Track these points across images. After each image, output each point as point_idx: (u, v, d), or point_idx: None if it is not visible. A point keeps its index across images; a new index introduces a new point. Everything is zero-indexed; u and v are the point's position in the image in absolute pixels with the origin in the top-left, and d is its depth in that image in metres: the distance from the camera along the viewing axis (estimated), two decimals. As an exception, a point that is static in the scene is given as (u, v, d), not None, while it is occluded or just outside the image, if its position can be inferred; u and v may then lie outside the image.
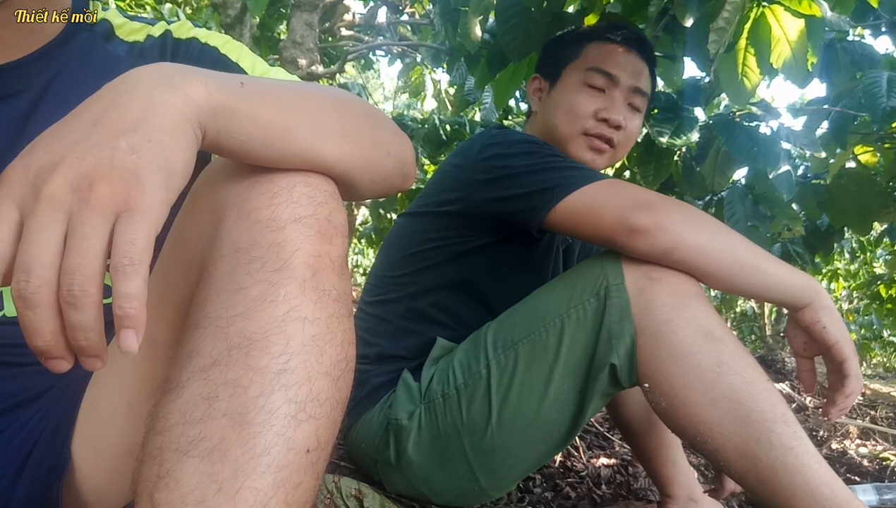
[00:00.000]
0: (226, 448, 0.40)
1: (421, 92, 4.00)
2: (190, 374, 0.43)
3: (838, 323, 0.86)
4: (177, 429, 0.42)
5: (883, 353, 8.64)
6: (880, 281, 4.37)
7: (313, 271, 0.47)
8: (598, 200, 0.90)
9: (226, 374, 0.43)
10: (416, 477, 1.00)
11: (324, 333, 0.46)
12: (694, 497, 1.15)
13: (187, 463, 0.41)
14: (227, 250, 0.47)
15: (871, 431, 2.11)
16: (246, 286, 0.45)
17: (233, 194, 0.49)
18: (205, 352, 0.44)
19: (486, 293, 1.10)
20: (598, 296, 0.89)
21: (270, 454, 0.41)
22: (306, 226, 0.48)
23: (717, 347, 0.82)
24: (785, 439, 0.77)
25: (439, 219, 1.09)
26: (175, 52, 0.72)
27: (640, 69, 1.13)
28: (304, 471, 0.43)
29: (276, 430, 0.42)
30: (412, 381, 1.01)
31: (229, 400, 0.42)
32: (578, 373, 0.91)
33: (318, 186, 0.50)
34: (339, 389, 0.47)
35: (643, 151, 1.52)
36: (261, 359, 0.43)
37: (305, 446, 0.43)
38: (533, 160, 0.97)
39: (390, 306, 1.11)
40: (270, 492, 0.40)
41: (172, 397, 0.43)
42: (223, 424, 0.41)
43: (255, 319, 0.44)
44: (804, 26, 1.16)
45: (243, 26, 2.62)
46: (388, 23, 3.78)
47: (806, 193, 1.69)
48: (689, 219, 0.86)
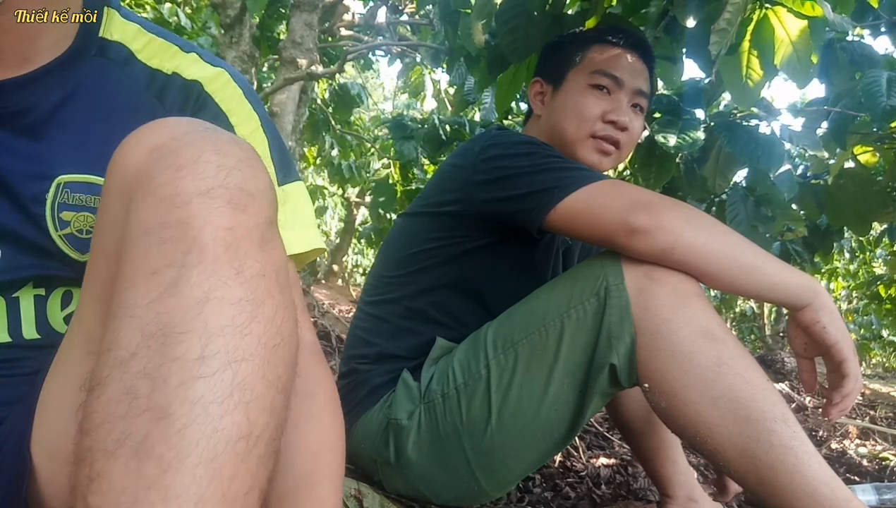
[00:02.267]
0: (151, 445, 0.38)
1: (421, 92, 4.00)
2: (110, 370, 0.41)
3: (838, 324, 0.86)
4: (102, 429, 0.40)
5: (882, 353, 8.64)
6: (879, 281, 4.37)
7: (226, 246, 0.44)
8: (597, 201, 0.91)
9: (144, 366, 0.40)
10: (416, 477, 1.00)
11: (246, 311, 0.43)
12: (693, 497, 1.15)
13: (116, 463, 0.39)
14: (136, 232, 0.44)
15: (871, 431, 2.11)
16: (157, 270, 0.42)
17: (138, 172, 0.46)
18: (122, 345, 0.41)
19: (484, 293, 1.10)
20: (597, 296, 0.89)
21: (199, 446, 0.39)
22: (214, 197, 0.44)
23: (717, 347, 0.83)
24: (784, 439, 0.77)
25: (439, 220, 1.09)
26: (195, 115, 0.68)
27: (641, 71, 1.14)
28: (239, 461, 0.40)
29: (200, 421, 0.39)
30: (412, 381, 1.01)
31: (150, 395, 0.40)
32: (578, 373, 0.91)
33: (228, 153, 0.47)
34: (274, 368, 0.44)
35: (645, 154, 1.52)
36: (178, 348, 0.40)
37: (237, 434, 0.40)
38: (533, 161, 0.98)
39: (389, 306, 1.11)
40: (203, 486, 0.38)
41: (96, 394, 0.41)
42: (146, 419, 0.39)
43: (169, 305, 0.41)
44: (807, 27, 1.16)
45: (243, 26, 2.62)
46: (388, 23, 3.78)
47: (806, 193, 1.69)
48: (689, 219, 0.86)
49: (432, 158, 2.87)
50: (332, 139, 4.44)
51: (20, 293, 0.62)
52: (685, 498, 1.15)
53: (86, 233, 0.62)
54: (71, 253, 0.62)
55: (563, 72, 1.15)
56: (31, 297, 0.63)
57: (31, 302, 0.63)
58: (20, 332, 0.62)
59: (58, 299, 0.64)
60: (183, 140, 0.47)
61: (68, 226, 0.62)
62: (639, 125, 1.15)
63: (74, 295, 0.65)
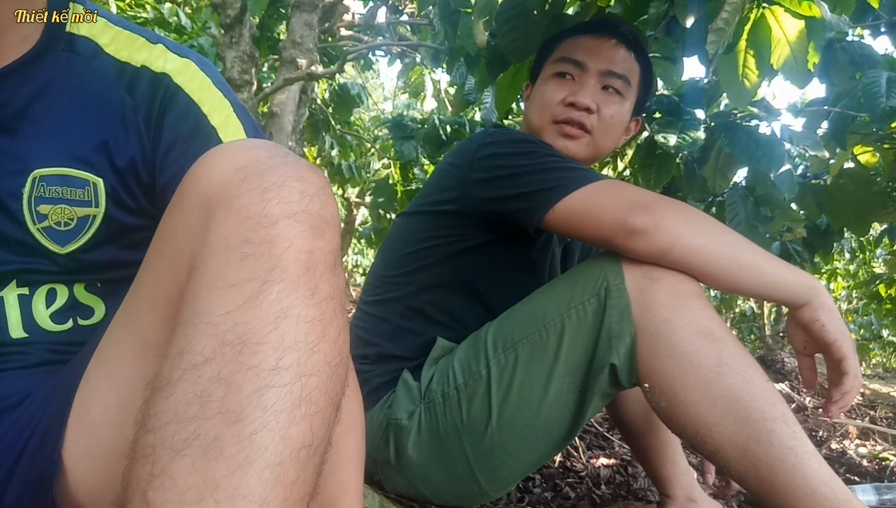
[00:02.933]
0: (221, 446, 0.40)
1: (421, 92, 4.00)
2: (182, 372, 0.43)
3: (837, 321, 0.86)
4: (170, 428, 0.41)
5: (882, 353, 8.64)
6: (879, 280, 4.37)
7: (306, 267, 0.46)
8: (595, 201, 0.91)
9: (218, 372, 0.42)
10: (416, 477, 1.00)
11: (317, 330, 0.46)
12: (693, 498, 1.15)
13: (182, 462, 0.40)
14: (217, 247, 0.46)
15: (871, 431, 2.11)
16: (237, 283, 0.45)
17: (223, 190, 0.49)
18: (196, 350, 0.43)
19: (483, 292, 1.10)
20: (598, 297, 0.89)
21: (267, 451, 0.41)
22: (298, 221, 0.47)
23: (717, 347, 0.83)
24: (784, 439, 0.77)
25: (437, 218, 1.09)
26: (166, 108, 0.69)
27: (611, 51, 1.10)
28: (301, 468, 0.42)
29: (270, 427, 0.41)
30: (412, 381, 1.01)
31: (223, 399, 0.41)
32: (578, 373, 0.91)
33: (309, 180, 0.50)
34: (334, 385, 0.46)
35: (645, 155, 1.52)
36: (254, 357, 0.43)
37: (301, 442, 0.43)
38: (531, 160, 0.98)
39: (389, 305, 1.11)
40: (269, 488, 0.40)
41: (164, 395, 0.43)
42: (217, 422, 0.41)
43: (248, 317, 0.44)
44: (804, 27, 1.16)
45: (243, 26, 2.62)
46: (388, 23, 3.78)
47: (805, 193, 1.69)
48: (688, 219, 0.87)
49: (432, 158, 2.88)
50: (332, 139, 4.44)
51: (5, 292, 0.63)
52: (685, 499, 1.15)
53: (64, 226, 0.64)
54: (51, 246, 0.64)
55: (538, 68, 1.19)
56: (16, 296, 0.64)
57: (17, 301, 0.64)
58: (7, 331, 0.64)
59: (42, 297, 0.65)
60: (267, 163, 0.49)
61: (46, 220, 0.63)
62: (614, 108, 1.11)
63: (58, 291, 0.66)
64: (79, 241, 0.65)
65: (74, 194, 0.64)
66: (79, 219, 0.65)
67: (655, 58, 1.49)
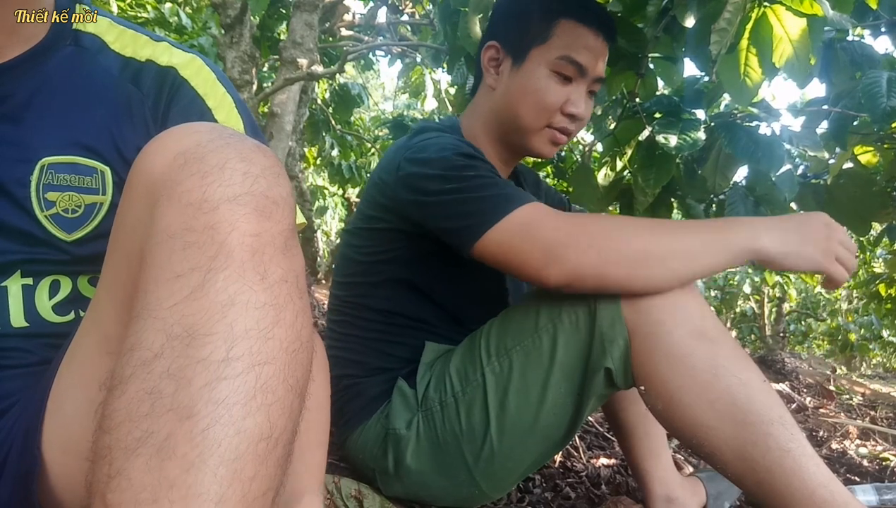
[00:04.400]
0: (174, 444, 0.39)
1: (421, 92, 4.00)
2: (132, 369, 0.42)
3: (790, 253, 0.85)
4: (123, 427, 0.40)
5: (882, 353, 8.63)
6: (879, 280, 4.36)
7: (252, 251, 0.45)
8: (515, 248, 0.88)
9: (168, 367, 0.41)
10: (416, 484, 1.00)
11: (269, 316, 0.44)
12: (672, 497, 1.13)
13: (137, 461, 0.39)
14: (161, 237, 0.45)
15: (871, 431, 2.11)
16: (182, 273, 0.43)
17: (164, 177, 0.47)
18: (145, 345, 0.42)
19: (444, 294, 1.09)
20: (587, 301, 0.89)
21: (221, 446, 0.39)
22: (241, 204, 0.45)
23: (713, 348, 0.82)
24: (782, 441, 0.77)
25: (379, 233, 1.07)
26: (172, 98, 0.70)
27: (604, 54, 1.09)
28: (260, 462, 0.41)
29: (224, 421, 0.40)
30: (407, 389, 1.01)
31: (174, 395, 0.40)
32: (574, 378, 0.91)
33: (254, 160, 0.48)
34: (293, 372, 0.45)
35: (644, 155, 1.52)
36: (202, 349, 0.41)
37: (258, 435, 0.41)
38: (455, 185, 0.92)
39: (360, 323, 1.09)
40: (225, 485, 0.39)
41: (117, 394, 0.42)
42: (169, 419, 0.40)
43: (195, 307, 0.42)
44: (806, 25, 1.15)
45: (243, 26, 2.62)
46: (388, 23, 3.78)
47: (805, 193, 1.68)
48: (602, 253, 0.83)
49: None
50: (333, 139, 4.44)
51: (8, 282, 0.63)
52: (664, 499, 1.13)
53: (71, 213, 0.64)
54: (58, 232, 0.64)
55: (525, 46, 1.06)
56: (20, 286, 0.64)
57: (20, 291, 0.64)
58: (8, 320, 0.64)
59: (46, 288, 0.65)
60: (208, 146, 0.48)
61: (54, 207, 0.64)
62: (590, 110, 1.11)
63: (62, 283, 0.66)
64: (85, 229, 0.66)
65: (82, 182, 0.65)
66: (86, 207, 0.66)
67: (656, 58, 1.49)
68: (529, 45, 1.06)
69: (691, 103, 1.48)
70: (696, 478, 1.21)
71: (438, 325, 1.05)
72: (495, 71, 1.11)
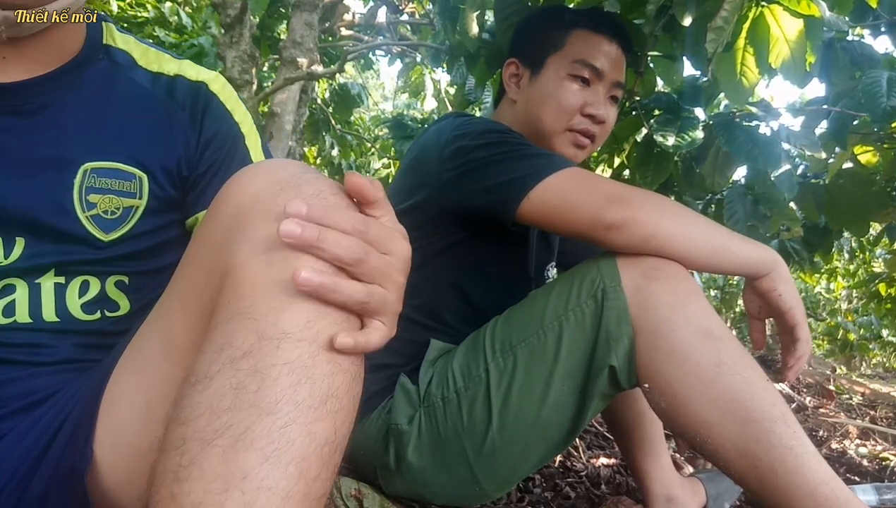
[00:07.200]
0: (252, 438, 0.41)
1: (421, 92, 4.00)
2: (220, 366, 0.44)
3: (793, 292, 0.91)
4: (203, 419, 0.42)
5: (882, 353, 8.63)
6: (879, 279, 4.36)
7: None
8: (570, 197, 0.91)
9: (255, 365, 0.43)
10: (417, 481, 1.00)
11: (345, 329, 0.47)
12: (672, 497, 1.13)
13: (212, 451, 0.41)
14: (259, 248, 0.47)
15: (871, 431, 2.11)
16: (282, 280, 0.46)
17: (259, 199, 0.50)
18: (236, 345, 0.45)
19: (466, 289, 1.09)
20: (595, 299, 0.89)
21: (294, 445, 0.42)
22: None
23: (716, 346, 0.82)
24: (784, 439, 0.77)
25: (408, 221, 1.06)
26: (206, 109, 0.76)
27: (621, 61, 1.13)
28: (322, 465, 0.44)
29: (300, 422, 0.42)
30: (410, 385, 1.01)
31: (258, 391, 0.42)
32: (578, 376, 0.91)
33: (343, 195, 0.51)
34: (357, 384, 0.49)
35: (643, 153, 1.52)
36: (291, 352, 0.44)
37: (325, 439, 0.44)
38: (501, 149, 0.97)
39: None
40: (292, 483, 0.41)
41: (200, 388, 0.44)
42: (250, 414, 0.42)
43: (290, 313, 0.45)
44: (803, 26, 1.16)
45: (243, 26, 2.62)
46: (388, 22, 3.78)
47: (805, 193, 1.68)
48: (662, 209, 0.89)
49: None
50: (333, 139, 4.44)
51: (41, 279, 0.67)
52: (664, 499, 1.13)
53: (111, 215, 0.69)
54: (97, 232, 0.68)
55: (542, 56, 1.12)
56: (52, 284, 0.67)
57: (52, 288, 0.67)
58: (41, 314, 0.67)
59: (76, 287, 0.69)
60: (303, 177, 0.51)
61: (95, 208, 0.68)
62: (614, 116, 1.14)
63: (91, 283, 0.69)
64: (122, 229, 0.70)
65: (122, 186, 0.69)
66: (124, 209, 0.70)
67: (655, 56, 1.49)
68: (546, 53, 1.11)
69: (690, 102, 1.48)
70: (695, 479, 1.21)
71: (459, 324, 1.04)
72: (516, 85, 1.16)
